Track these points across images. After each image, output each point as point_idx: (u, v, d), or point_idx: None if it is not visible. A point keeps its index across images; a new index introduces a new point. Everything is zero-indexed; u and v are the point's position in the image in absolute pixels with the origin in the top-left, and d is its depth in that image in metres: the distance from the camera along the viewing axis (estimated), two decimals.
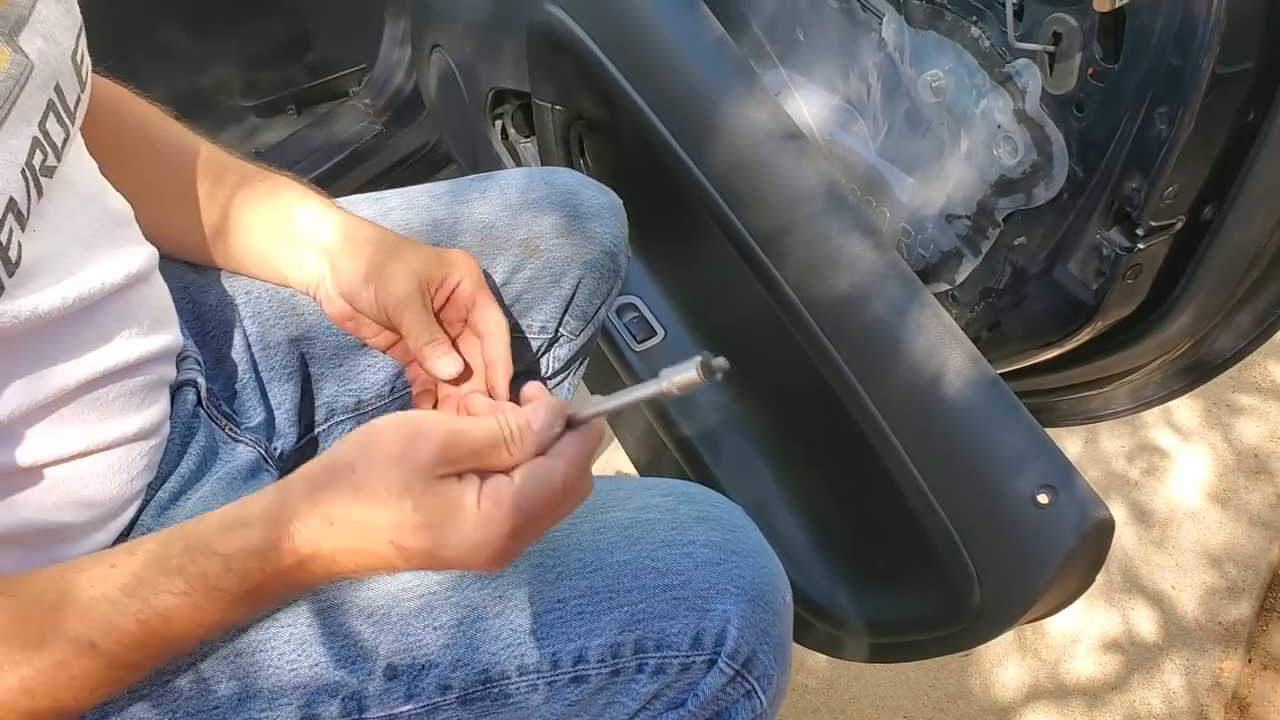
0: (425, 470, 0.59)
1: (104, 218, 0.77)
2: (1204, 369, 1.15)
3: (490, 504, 0.59)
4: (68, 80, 0.70)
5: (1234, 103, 0.90)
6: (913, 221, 1.15)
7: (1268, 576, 1.63)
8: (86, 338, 0.72)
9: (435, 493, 0.59)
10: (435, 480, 0.59)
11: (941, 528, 0.97)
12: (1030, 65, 0.97)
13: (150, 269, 0.81)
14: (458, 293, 0.91)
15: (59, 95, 0.69)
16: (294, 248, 0.92)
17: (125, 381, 0.76)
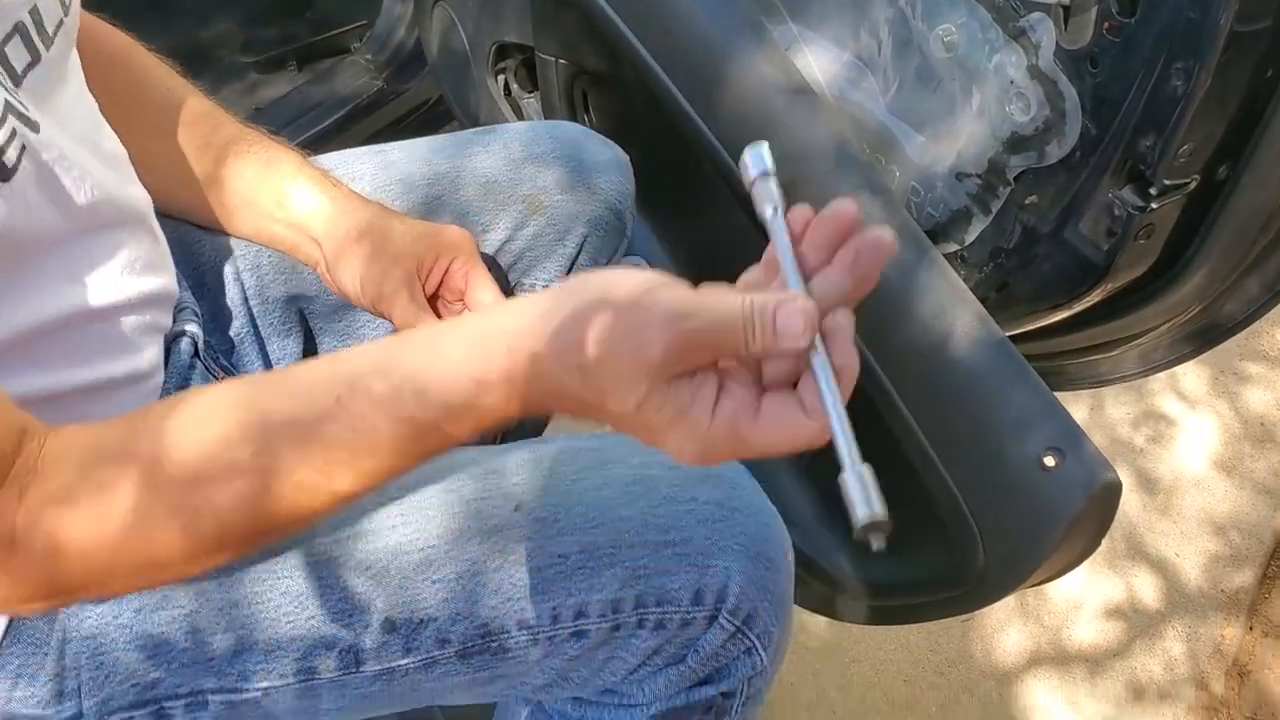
0: (655, 371, 0.54)
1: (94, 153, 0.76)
2: (1214, 333, 1.14)
3: (721, 428, 0.55)
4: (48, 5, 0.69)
5: (1252, 60, 0.89)
6: (922, 180, 1.13)
7: (1271, 544, 1.63)
8: (77, 268, 0.72)
9: (663, 396, 0.55)
10: (664, 383, 0.55)
11: (946, 489, 0.96)
12: (1044, 19, 0.95)
13: (143, 212, 0.80)
14: (451, 271, 0.90)
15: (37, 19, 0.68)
16: (289, 230, 0.92)
17: (114, 321, 0.75)
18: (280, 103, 1.87)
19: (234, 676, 0.72)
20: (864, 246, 0.56)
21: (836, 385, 0.54)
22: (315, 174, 0.93)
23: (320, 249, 0.90)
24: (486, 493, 0.77)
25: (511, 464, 0.80)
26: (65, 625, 0.71)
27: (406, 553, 0.74)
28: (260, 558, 0.74)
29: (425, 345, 0.58)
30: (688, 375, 0.55)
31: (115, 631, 0.71)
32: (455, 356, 0.57)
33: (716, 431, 0.55)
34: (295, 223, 0.91)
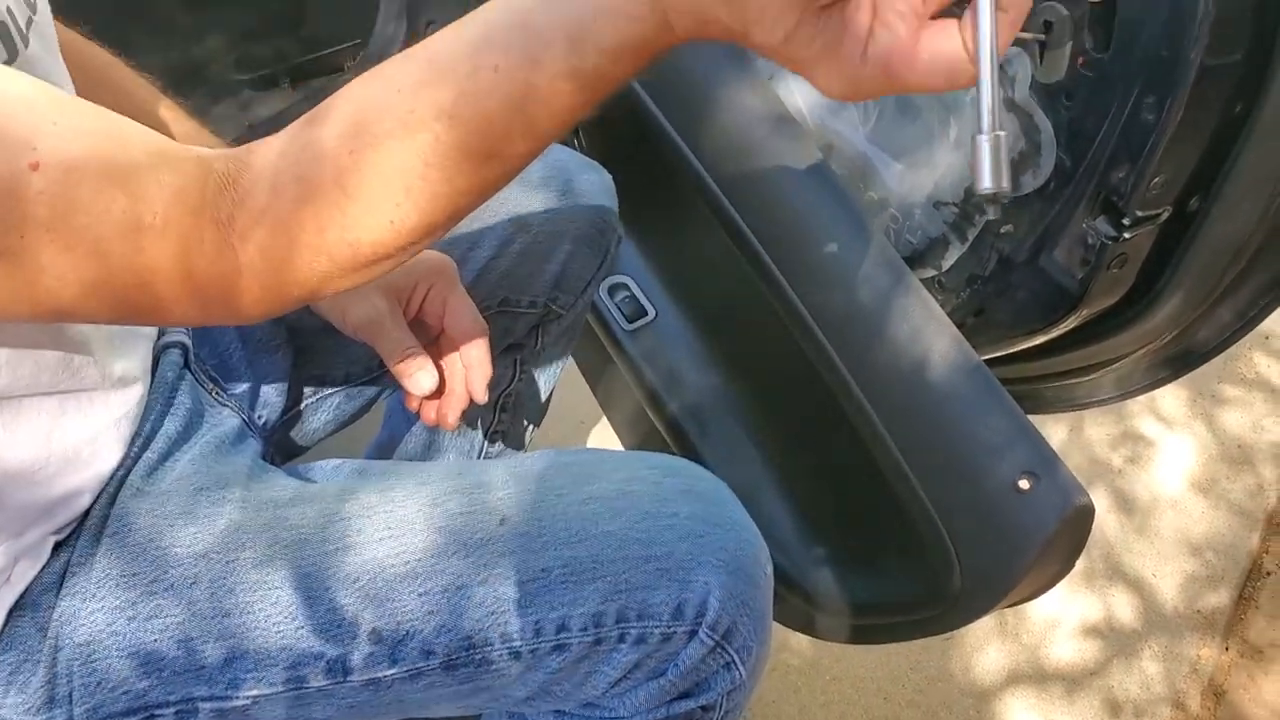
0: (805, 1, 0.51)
1: None
2: (1189, 358, 1.16)
3: (874, 66, 0.52)
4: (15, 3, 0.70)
5: (1222, 94, 0.91)
6: (901, 207, 1.16)
7: (1247, 565, 1.65)
8: None
9: (813, 28, 0.52)
10: (814, 13, 0.52)
11: (923, 511, 0.98)
12: (1021, 54, 0.98)
13: None
14: (430, 297, 0.92)
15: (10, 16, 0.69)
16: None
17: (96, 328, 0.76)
18: (273, 121, 1.89)
19: (224, 685, 0.73)
20: None
21: (995, 27, 0.50)
22: None
23: None
24: (472, 507, 0.79)
25: (496, 479, 0.81)
26: (58, 633, 0.73)
27: (393, 566, 0.76)
28: (251, 568, 0.75)
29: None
30: (841, 3, 0.52)
31: (108, 639, 0.72)
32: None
33: (869, 69, 0.52)
34: None
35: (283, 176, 0.59)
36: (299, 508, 0.79)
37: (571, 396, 1.65)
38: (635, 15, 0.54)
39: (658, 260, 1.42)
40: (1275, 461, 1.78)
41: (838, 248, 1.01)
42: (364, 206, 0.59)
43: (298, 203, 0.59)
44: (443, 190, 0.59)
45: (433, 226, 0.61)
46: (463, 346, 0.92)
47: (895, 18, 0.51)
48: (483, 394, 0.93)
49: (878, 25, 0.51)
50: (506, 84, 0.56)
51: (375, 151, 0.58)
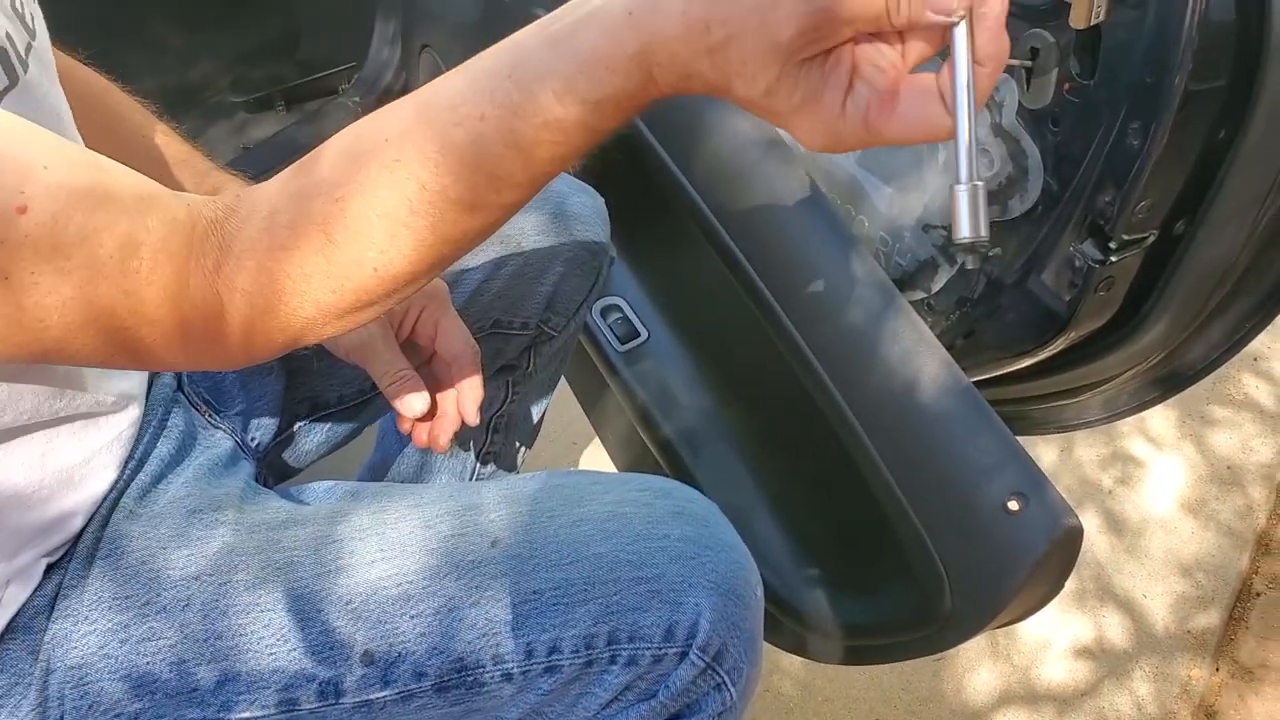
0: (786, 52, 0.51)
1: None
2: (1176, 380, 1.17)
3: (853, 118, 0.53)
4: (13, 29, 0.71)
5: (1206, 120, 0.92)
6: (890, 230, 1.17)
7: (1237, 586, 1.66)
8: None
9: (793, 81, 0.52)
10: (795, 65, 0.52)
11: (914, 532, 0.98)
12: (1008, 80, 0.99)
13: None
14: (422, 319, 0.93)
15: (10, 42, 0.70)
16: None
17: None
18: (268, 143, 1.90)
19: (216, 707, 0.74)
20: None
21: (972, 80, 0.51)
22: None
23: None
24: (464, 529, 0.79)
25: (489, 501, 0.82)
26: (50, 656, 0.73)
27: (385, 588, 0.76)
28: (244, 591, 0.75)
29: (546, 41, 0.57)
30: (820, 58, 0.52)
31: (100, 662, 0.73)
32: (585, 50, 0.55)
33: (848, 123, 0.53)
34: None
35: (269, 222, 0.60)
36: (292, 530, 0.80)
37: (564, 417, 1.66)
38: (620, 69, 0.55)
39: (650, 282, 1.43)
40: (1264, 482, 1.78)
41: (828, 270, 1.02)
42: (347, 252, 0.59)
43: (282, 248, 0.60)
44: (427, 238, 0.60)
45: (415, 274, 0.62)
46: (455, 368, 0.93)
47: (874, 71, 0.53)
48: (474, 416, 0.93)
49: (857, 79, 0.53)
50: (492, 133, 0.57)
51: (360, 198, 0.59)
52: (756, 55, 0.52)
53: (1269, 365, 1.95)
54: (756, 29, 0.51)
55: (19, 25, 0.71)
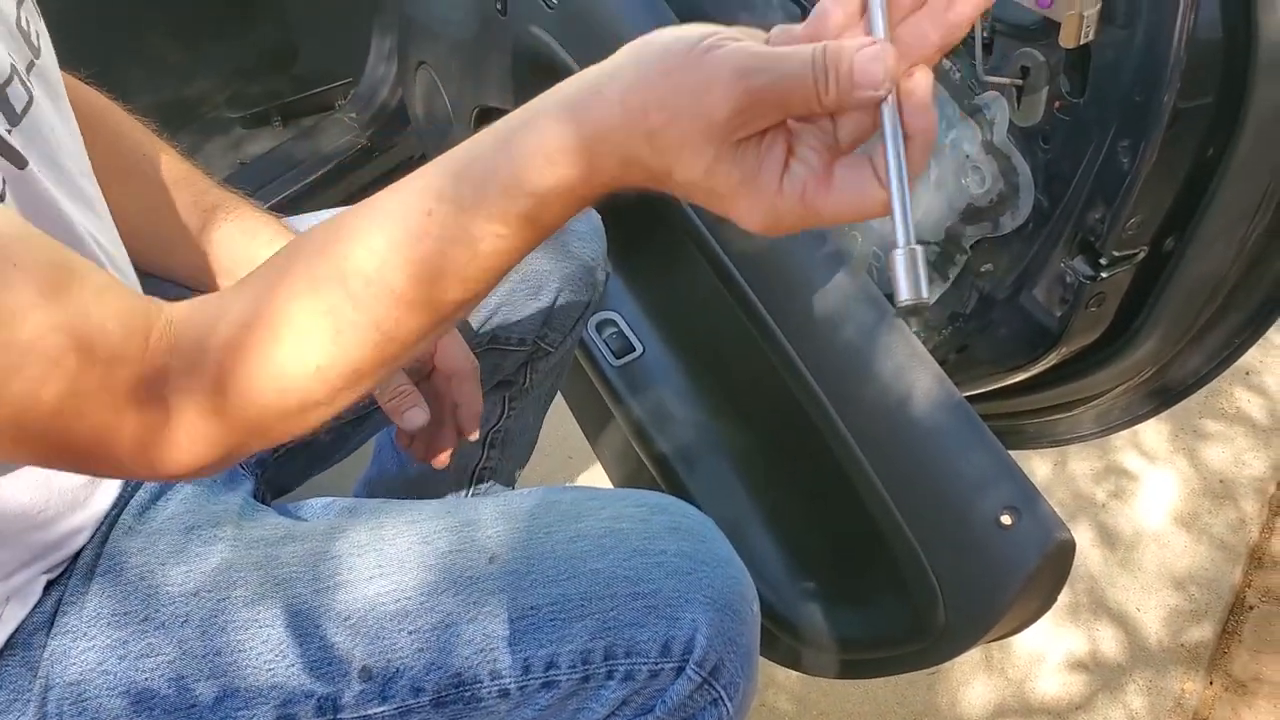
0: (722, 132, 0.53)
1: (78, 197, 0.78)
2: (1168, 395, 1.18)
3: (790, 196, 0.54)
4: (15, 47, 0.71)
5: (1194, 137, 0.93)
6: (883, 246, 1.17)
7: (1230, 599, 1.66)
8: None
9: (730, 162, 0.54)
10: (732, 146, 0.54)
11: (907, 546, 0.99)
12: (998, 98, 1.00)
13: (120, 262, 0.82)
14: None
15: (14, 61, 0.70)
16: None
17: None
18: (264, 158, 1.90)
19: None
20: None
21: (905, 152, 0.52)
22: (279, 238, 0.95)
23: None
24: (461, 545, 0.80)
25: (486, 517, 0.82)
26: (49, 672, 0.73)
27: (383, 604, 0.77)
28: (242, 606, 0.76)
29: (496, 140, 0.58)
30: (756, 138, 0.54)
31: (99, 678, 0.73)
32: (529, 144, 0.56)
33: (785, 201, 0.54)
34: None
35: (218, 324, 0.61)
36: (290, 546, 0.80)
37: (559, 432, 1.66)
38: (561, 160, 0.56)
39: (645, 296, 1.44)
40: (1257, 495, 1.79)
41: (822, 285, 1.02)
42: (290, 351, 0.60)
43: (228, 349, 0.60)
44: (371, 336, 0.60)
45: (361, 374, 0.62)
46: (453, 383, 0.94)
47: (809, 150, 0.54)
48: (472, 430, 0.94)
49: (793, 158, 0.54)
50: (438, 229, 0.58)
51: (307, 296, 0.59)
52: (694, 136, 0.53)
53: (1260, 379, 1.96)
54: (693, 110, 0.52)
55: (22, 44, 0.72)
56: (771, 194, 0.54)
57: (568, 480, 1.80)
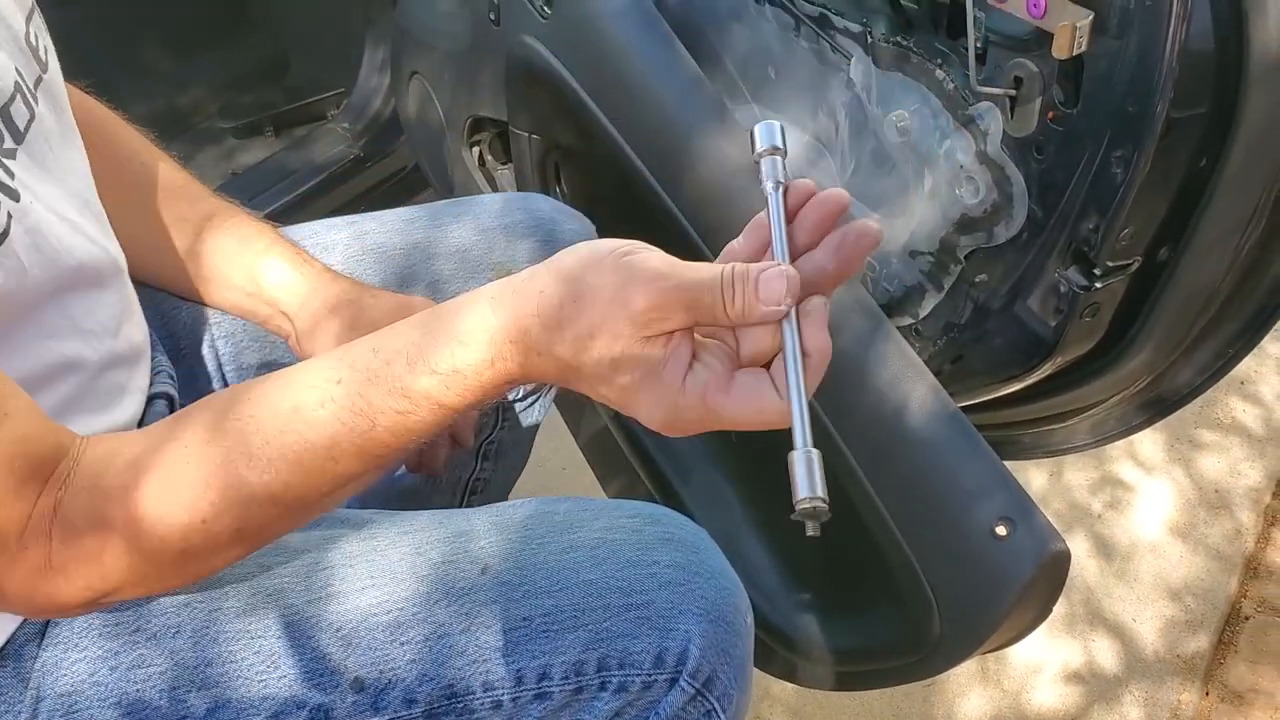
0: (635, 324, 0.56)
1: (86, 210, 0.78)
2: (1162, 405, 1.18)
3: (692, 396, 0.58)
4: (23, 62, 0.71)
5: (1187, 148, 0.93)
6: (878, 256, 1.18)
7: (1226, 610, 1.66)
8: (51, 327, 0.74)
9: (639, 354, 0.57)
10: (641, 340, 0.57)
11: (903, 557, 0.98)
12: (992, 108, 1.00)
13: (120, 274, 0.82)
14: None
15: (20, 77, 0.70)
16: (261, 305, 0.95)
17: (88, 379, 0.77)
18: (257, 168, 1.91)
19: None
20: (851, 231, 0.59)
21: (803, 367, 0.57)
22: (287, 250, 0.95)
23: (292, 324, 0.93)
24: (454, 556, 0.79)
25: (479, 528, 0.82)
26: (40, 683, 0.72)
27: (376, 615, 0.76)
28: (234, 618, 0.75)
29: (417, 320, 0.61)
30: (665, 337, 0.57)
31: (90, 690, 0.72)
32: (444, 324, 0.60)
33: (687, 398, 0.57)
34: (268, 299, 0.94)
35: (114, 464, 0.62)
36: (282, 556, 0.80)
37: (552, 443, 1.66)
38: (472, 342, 0.59)
39: None
40: (1253, 506, 1.79)
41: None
42: (177, 501, 0.61)
43: (119, 492, 0.61)
44: (259, 496, 0.61)
45: (245, 533, 0.63)
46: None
47: (712, 357, 0.59)
48: (467, 440, 0.93)
49: (697, 361, 0.58)
50: (342, 397, 0.60)
51: (204, 447, 0.61)
52: (609, 324, 0.57)
53: (1255, 389, 1.96)
54: (610, 300, 0.56)
55: (30, 58, 0.72)
56: (674, 391, 0.57)
57: (561, 493, 1.80)
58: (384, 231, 1.05)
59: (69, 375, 0.75)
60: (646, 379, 0.57)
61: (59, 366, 0.74)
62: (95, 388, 0.78)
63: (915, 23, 1.05)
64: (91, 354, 0.77)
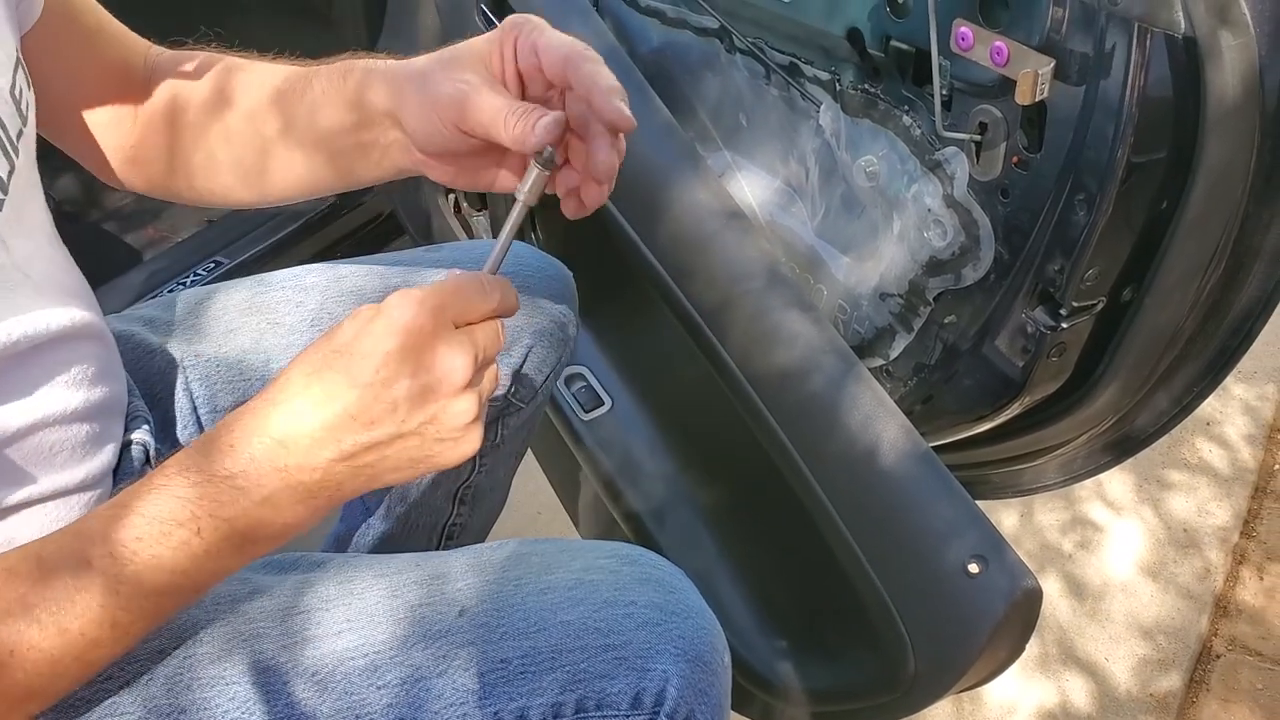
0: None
1: (53, 264, 0.78)
2: (1129, 443, 1.19)
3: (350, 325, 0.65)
4: (7, 114, 0.72)
5: (1148, 191, 0.95)
6: (849, 299, 1.19)
7: (1197, 648, 1.67)
8: (28, 380, 0.74)
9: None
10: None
11: (877, 596, 0.99)
12: (958, 153, 1.02)
13: (96, 323, 0.82)
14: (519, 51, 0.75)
15: (4, 129, 0.71)
16: (373, 132, 0.82)
17: (65, 430, 0.76)
18: (232, 216, 1.90)
19: None
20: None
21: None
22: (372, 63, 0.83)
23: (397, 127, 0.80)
24: (431, 598, 0.79)
25: (456, 569, 0.82)
26: None
27: (351, 658, 0.76)
28: (209, 663, 0.75)
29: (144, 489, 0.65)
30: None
31: None
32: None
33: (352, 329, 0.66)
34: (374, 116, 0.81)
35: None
36: (257, 601, 0.79)
37: (528, 487, 1.65)
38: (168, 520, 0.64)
39: (613, 350, 1.45)
40: (1221, 545, 1.81)
41: (789, 338, 1.03)
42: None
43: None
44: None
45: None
46: (574, 78, 0.73)
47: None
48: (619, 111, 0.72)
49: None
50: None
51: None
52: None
53: (1221, 430, 1.99)
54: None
55: (14, 110, 0.73)
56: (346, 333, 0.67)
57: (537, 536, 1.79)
58: (363, 275, 1.05)
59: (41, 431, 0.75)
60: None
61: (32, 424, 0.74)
62: (68, 441, 0.77)
63: (882, 71, 1.08)
64: (65, 407, 0.77)
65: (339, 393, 0.64)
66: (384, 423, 0.65)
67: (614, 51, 1.16)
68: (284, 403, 0.65)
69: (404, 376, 0.64)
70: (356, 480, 0.67)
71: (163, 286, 1.71)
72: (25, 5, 0.80)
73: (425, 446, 0.67)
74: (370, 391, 0.64)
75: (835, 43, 1.11)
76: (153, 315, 1.01)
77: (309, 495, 0.66)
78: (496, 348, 0.69)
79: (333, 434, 0.64)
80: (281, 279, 1.04)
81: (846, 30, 1.09)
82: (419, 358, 0.64)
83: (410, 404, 0.65)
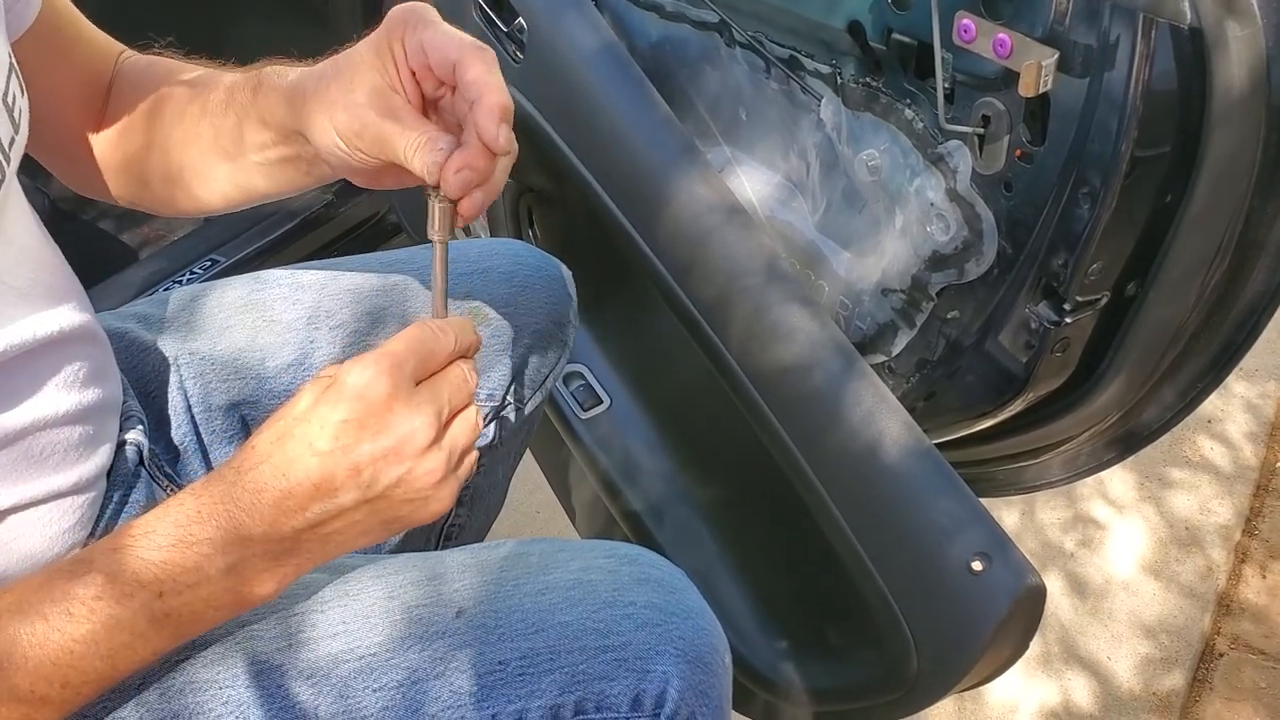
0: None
1: (40, 268, 0.77)
2: (1134, 439, 1.18)
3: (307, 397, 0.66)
4: (3, 122, 0.71)
5: (1153, 185, 0.95)
6: (850, 295, 1.18)
7: (1200, 647, 1.66)
8: (18, 387, 0.73)
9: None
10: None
11: (879, 595, 0.98)
12: (961, 146, 1.01)
13: (88, 325, 0.81)
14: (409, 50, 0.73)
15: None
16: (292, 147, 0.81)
17: (58, 433, 0.76)
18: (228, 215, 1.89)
19: None
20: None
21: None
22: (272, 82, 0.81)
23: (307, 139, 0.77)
24: (428, 599, 0.78)
25: (453, 570, 0.81)
26: None
27: (348, 660, 0.75)
28: (203, 667, 0.74)
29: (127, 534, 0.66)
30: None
31: None
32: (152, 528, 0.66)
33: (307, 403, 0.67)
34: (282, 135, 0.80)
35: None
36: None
37: (526, 486, 1.65)
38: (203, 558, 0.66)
39: (612, 348, 1.44)
40: (1223, 543, 1.80)
41: (788, 334, 1.03)
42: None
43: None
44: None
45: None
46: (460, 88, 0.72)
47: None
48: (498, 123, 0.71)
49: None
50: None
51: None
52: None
53: (1223, 427, 1.98)
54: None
55: (5, 118, 0.72)
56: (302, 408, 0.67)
57: (535, 536, 1.79)
58: (359, 273, 1.05)
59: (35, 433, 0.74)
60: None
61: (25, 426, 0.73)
62: (61, 443, 0.76)
63: (884, 64, 1.07)
64: (58, 409, 0.76)
65: (300, 461, 0.65)
66: (348, 489, 0.65)
67: (613, 46, 1.15)
68: (249, 470, 0.65)
69: (364, 442, 0.64)
70: (327, 547, 0.68)
71: (159, 284, 1.70)
72: (18, 10, 0.79)
73: (394, 508, 0.67)
74: (331, 459, 0.64)
75: (836, 36, 1.10)
76: (147, 313, 1.00)
77: (275, 564, 0.67)
78: (464, 394, 0.69)
79: (299, 503, 0.65)
80: (278, 276, 1.03)
81: (847, 23, 1.08)
82: (379, 422, 0.65)
83: (374, 469, 0.65)
